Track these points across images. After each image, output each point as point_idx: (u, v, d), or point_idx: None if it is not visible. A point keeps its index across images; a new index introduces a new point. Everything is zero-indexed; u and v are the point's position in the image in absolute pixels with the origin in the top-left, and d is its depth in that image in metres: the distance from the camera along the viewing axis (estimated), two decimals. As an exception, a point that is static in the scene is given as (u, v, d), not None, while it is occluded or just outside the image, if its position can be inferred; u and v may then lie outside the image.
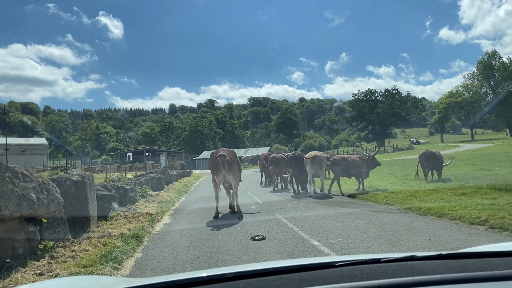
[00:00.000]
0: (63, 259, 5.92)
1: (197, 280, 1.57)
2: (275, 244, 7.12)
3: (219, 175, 10.72)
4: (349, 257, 1.83)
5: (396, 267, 1.65)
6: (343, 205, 12.32)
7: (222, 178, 10.79)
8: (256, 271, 1.63)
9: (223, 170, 10.60)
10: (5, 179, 5.54)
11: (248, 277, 1.57)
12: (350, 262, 1.70)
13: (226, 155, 10.80)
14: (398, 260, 1.75)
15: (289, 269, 1.64)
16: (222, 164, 10.57)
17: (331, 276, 1.56)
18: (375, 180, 20.04)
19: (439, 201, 11.61)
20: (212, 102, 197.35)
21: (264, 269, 1.66)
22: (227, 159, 10.68)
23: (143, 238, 8.12)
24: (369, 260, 1.72)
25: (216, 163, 10.72)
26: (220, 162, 10.60)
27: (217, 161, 10.69)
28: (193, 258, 6.39)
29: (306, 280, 1.53)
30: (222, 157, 10.67)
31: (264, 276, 1.57)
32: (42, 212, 6.22)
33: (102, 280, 2.51)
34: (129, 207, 12.03)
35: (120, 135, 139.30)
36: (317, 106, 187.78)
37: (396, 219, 9.38)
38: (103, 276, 4.33)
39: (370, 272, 1.59)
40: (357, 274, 1.57)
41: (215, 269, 1.89)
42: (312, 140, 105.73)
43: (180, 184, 25.10)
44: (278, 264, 1.73)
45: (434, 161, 18.22)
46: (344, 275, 1.56)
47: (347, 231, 8.13)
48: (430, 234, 7.57)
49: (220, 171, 10.64)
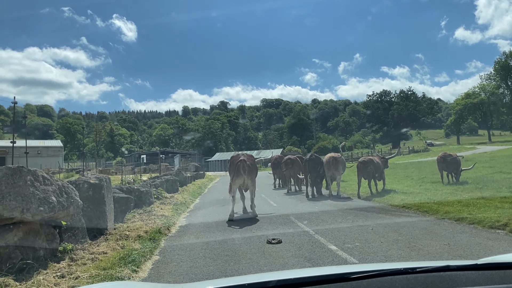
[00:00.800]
0: (82, 261, 5.98)
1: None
2: (292, 248, 7.09)
3: (240, 179, 11.14)
4: (383, 265, 1.82)
5: (434, 278, 1.64)
6: (359, 208, 12.23)
7: (243, 182, 11.24)
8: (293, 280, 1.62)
9: (244, 175, 11.07)
10: (27, 182, 5.62)
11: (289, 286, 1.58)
12: (386, 272, 1.68)
13: (246, 160, 11.25)
14: (434, 270, 1.73)
15: (329, 278, 1.64)
16: (243, 168, 11.03)
17: (371, 286, 1.56)
18: (391, 183, 19.83)
19: (457, 204, 11.44)
20: (224, 104, 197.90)
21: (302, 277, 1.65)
22: (248, 164, 11.14)
23: (160, 240, 8.17)
24: (404, 270, 1.70)
25: (237, 167, 11.11)
26: (241, 166, 11.05)
27: (238, 165, 11.10)
28: (210, 261, 6.40)
29: None
30: (243, 162, 11.11)
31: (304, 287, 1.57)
32: (62, 215, 6.30)
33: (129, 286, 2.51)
34: (145, 209, 12.12)
35: (134, 137, 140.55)
36: (330, 108, 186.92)
37: (413, 223, 9.27)
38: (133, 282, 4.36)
39: (409, 283, 1.58)
40: (397, 285, 1.56)
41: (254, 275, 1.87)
42: (325, 142, 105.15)
43: (194, 186, 25.21)
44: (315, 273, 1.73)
45: (452, 164, 18.01)
46: (384, 286, 1.56)
47: (364, 235, 8.06)
48: (449, 238, 7.46)
49: (241, 175, 11.08)
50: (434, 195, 13.83)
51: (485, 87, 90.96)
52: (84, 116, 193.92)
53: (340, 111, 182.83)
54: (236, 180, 11.25)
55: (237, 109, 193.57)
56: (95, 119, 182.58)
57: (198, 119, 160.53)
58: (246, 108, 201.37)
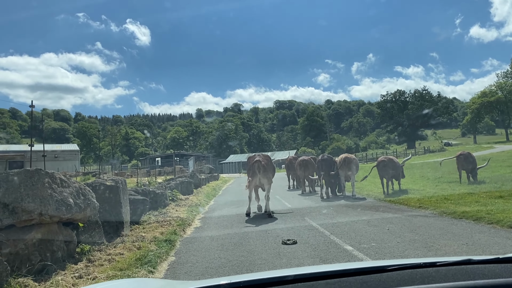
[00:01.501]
0: (99, 262, 6.05)
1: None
2: (307, 249, 7.06)
3: (255, 178, 11.84)
4: (402, 261, 1.81)
5: (455, 270, 1.62)
6: (375, 209, 12.12)
7: (258, 181, 11.93)
8: (314, 274, 1.63)
9: (259, 174, 11.78)
10: (45, 184, 5.71)
11: (307, 280, 1.58)
12: (405, 266, 1.68)
13: (261, 160, 11.99)
14: (455, 263, 1.72)
15: (347, 272, 1.64)
16: (258, 168, 11.75)
17: (390, 280, 1.55)
18: (406, 183, 19.63)
19: (474, 204, 11.26)
20: (238, 106, 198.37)
21: (321, 272, 1.66)
22: (262, 164, 11.85)
23: (176, 241, 8.21)
24: (423, 264, 1.70)
25: (253, 167, 11.87)
26: (256, 167, 11.78)
27: (254, 165, 11.85)
28: (226, 262, 6.41)
29: (367, 283, 1.52)
30: (258, 162, 11.84)
31: (324, 280, 1.58)
32: (79, 217, 6.39)
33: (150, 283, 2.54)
34: (160, 211, 12.22)
35: (148, 140, 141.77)
36: (344, 108, 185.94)
37: (430, 223, 9.15)
38: (151, 279, 4.40)
39: (429, 276, 1.57)
40: (417, 278, 1.55)
41: (270, 271, 1.87)
42: (339, 142, 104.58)
43: (209, 188, 25.31)
44: (335, 268, 1.73)
45: (471, 163, 17.89)
46: (404, 279, 1.55)
47: (380, 235, 7.98)
48: (467, 238, 7.35)
49: (256, 175, 11.79)
50: (451, 195, 13.63)
51: (502, 85, 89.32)
52: (100, 120, 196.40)
53: (354, 111, 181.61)
54: (253, 180, 11.91)
55: (250, 111, 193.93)
56: (110, 123, 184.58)
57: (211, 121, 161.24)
58: (259, 110, 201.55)
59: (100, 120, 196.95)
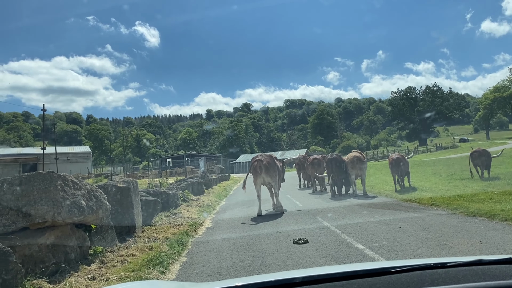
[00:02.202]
0: (112, 263, 6.11)
1: None
2: (319, 248, 7.04)
3: (258, 177, 12.06)
4: (413, 261, 1.79)
5: (465, 271, 1.60)
6: (386, 207, 12.04)
7: (262, 180, 12.11)
8: (322, 276, 1.63)
9: (261, 173, 11.97)
10: (57, 187, 5.78)
11: (316, 282, 1.57)
12: (414, 267, 1.67)
13: (263, 159, 12.19)
14: (466, 264, 1.70)
15: (356, 274, 1.63)
16: (259, 168, 11.96)
17: (399, 282, 1.53)
18: (418, 180, 19.49)
19: (488, 201, 11.12)
20: (247, 106, 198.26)
21: (329, 274, 1.65)
22: (264, 163, 12.03)
23: (187, 242, 8.25)
24: (433, 265, 1.69)
25: (254, 167, 12.11)
26: (258, 166, 12.01)
27: (255, 165, 12.09)
28: (237, 262, 6.42)
29: (375, 285, 1.51)
30: (259, 161, 12.07)
31: (332, 282, 1.57)
32: (91, 218, 6.45)
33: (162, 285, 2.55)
34: (172, 211, 12.28)
35: (159, 141, 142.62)
36: (354, 106, 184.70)
37: (443, 221, 9.06)
38: (163, 281, 4.42)
39: (439, 277, 1.55)
40: (426, 279, 1.54)
41: (280, 273, 1.87)
42: (350, 140, 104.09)
43: (220, 188, 25.38)
44: (343, 269, 1.72)
45: (486, 159, 17.98)
46: (413, 281, 1.53)
47: (392, 234, 7.93)
48: (481, 236, 7.26)
49: (258, 174, 11.99)
50: (464, 192, 13.50)
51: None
52: (111, 122, 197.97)
53: (365, 109, 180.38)
54: (256, 180, 12.16)
55: (260, 110, 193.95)
56: (121, 125, 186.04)
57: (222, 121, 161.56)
58: (269, 109, 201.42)
59: (112, 122, 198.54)
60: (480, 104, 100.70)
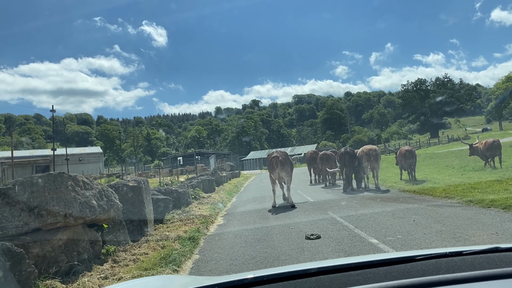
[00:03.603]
0: (124, 262, 6.11)
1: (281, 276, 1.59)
2: (331, 243, 6.98)
3: (274, 172, 12.95)
4: (428, 251, 1.78)
5: (482, 259, 1.59)
6: (399, 201, 11.91)
7: (277, 175, 12.97)
8: (337, 266, 1.63)
9: (277, 168, 12.79)
10: (68, 187, 5.79)
11: (331, 272, 1.58)
12: (430, 255, 1.66)
13: (279, 156, 13.02)
14: (482, 252, 1.69)
15: (371, 264, 1.64)
16: (276, 164, 12.78)
17: (415, 270, 1.53)
18: (431, 173, 19.28)
19: (503, 192, 10.95)
20: (256, 103, 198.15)
21: (345, 264, 1.65)
22: (280, 159, 12.84)
23: (199, 239, 8.23)
24: (449, 253, 1.68)
25: (271, 163, 13.00)
26: (274, 162, 12.84)
27: (272, 161, 12.97)
28: (249, 259, 6.38)
29: (391, 273, 1.51)
30: (276, 158, 12.92)
31: (347, 271, 1.57)
32: (103, 218, 6.46)
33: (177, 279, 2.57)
34: (183, 209, 12.28)
35: (170, 140, 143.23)
36: (364, 100, 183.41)
37: (457, 213, 8.93)
38: (178, 276, 4.43)
39: (455, 265, 1.55)
40: (442, 267, 1.53)
41: (296, 265, 1.89)
42: (361, 135, 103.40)
43: (230, 185, 25.38)
44: (358, 260, 1.73)
45: (499, 149, 18.39)
46: (429, 269, 1.53)
47: (406, 227, 7.83)
48: (497, 227, 7.13)
49: (275, 169, 12.85)
50: (478, 184, 13.30)
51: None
52: (121, 122, 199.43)
53: (374, 102, 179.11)
54: (272, 174, 13.11)
55: (269, 106, 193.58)
56: (132, 125, 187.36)
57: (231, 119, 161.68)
58: (278, 105, 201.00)
59: (122, 122, 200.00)
60: (492, 95, 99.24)
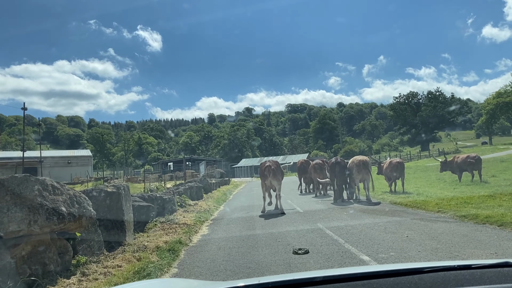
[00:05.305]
0: (94, 276, 5.60)
1: None
2: (320, 259, 6.53)
3: (266, 180, 13.66)
4: (436, 263, 1.74)
5: (491, 273, 1.54)
6: (391, 214, 11.51)
7: (269, 183, 13.70)
8: (346, 275, 1.60)
9: (269, 177, 13.54)
10: (34, 192, 5.30)
11: (335, 281, 1.55)
12: (438, 268, 1.64)
13: (271, 165, 13.76)
14: (491, 266, 1.63)
15: (378, 274, 1.61)
16: (268, 172, 13.56)
17: (423, 282, 1.50)
18: (423, 186, 18.97)
19: (497, 208, 10.62)
20: (249, 110, 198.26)
21: (353, 274, 1.63)
22: (272, 168, 13.60)
23: (180, 251, 7.74)
24: (457, 266, 1.65)
25: (264, 171, 13.71)
26: (267, 171, 13.60)
27: (265, 170, 13.69)
28: (231, 275, 5.91)
29: (398, 285, 1.48)
30: (269, 167, 13.68)
31: (354, 281, 1.53)
32: (74, 226, 5.96)
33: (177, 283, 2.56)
34: (167, 217, 11.76)
35: (161, 145, 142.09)
36: (356, 111, 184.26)
37: (452, 229, 8.54)
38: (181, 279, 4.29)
39: (463, 278, 1.50)
40: (450, 280, 1.49)
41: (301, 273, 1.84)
42: (352, 145, 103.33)
43: (219, 193, 24.85)
44: (364, 270, 1.69)
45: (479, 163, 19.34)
46: (436, 282, 1.49)
47: (399, 243, 7.41)
48: (496, 246, 6.74)
49: (267, 178, 13.59)
50: (471, 198, 12.99)
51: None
52: (113, 126, 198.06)
53: (366, 114, 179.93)
54: (264, 182, 13.76)
55: (262, 115, 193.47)
56: (123, 129, 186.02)
57: (223, 126, 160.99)
58: (271, 114, 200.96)
59: (114, 126, 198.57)
60: (482, 109, 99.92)
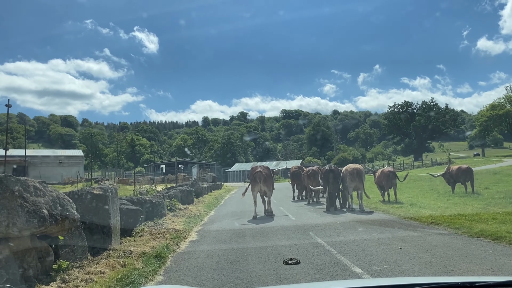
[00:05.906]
0: (74, 283, 5.34)
1: None
2: (311, 270, 6.31)
3: (257, 186, 13.83)
4: (438, 279, 1.77)
5: None
6: (385, 224, 11.33)
7: (259, 188, 13.88)
8: None
9: (260, 183, 13.75)
10: (14, 193, 5.05)
11: None
12: (441, 284, 1.63)
13: (262, 171, 13.99)
14: (496, 285, 1.58)
15: None
16: (259, 178, 13.73)
17: None
18: (416, 196, 18.85)
19: (492, 221, 10.47)
20: (244, 115, 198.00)
21: None
22: (263, 174, 13.80)
23: (167, 258, 7.49)
24: (461, 284, 1.62)
25: (254, 177, 13.85)
26: (257, 176, 13.76)
27: (255, 175, 13.83)
28: (218, 285, 5.68)
29: None
30: (259, 172, 13.83)
31: None
32: (56, 230, 5.71)
33: None
34: (156, 221, 11.50)
35: (154, 147, 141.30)
36: (350, 119, 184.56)
37: (446, 242, 8.37)
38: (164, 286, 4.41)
39: None
40: None
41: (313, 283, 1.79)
42: (346, 153, 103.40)
43: (211, 197, 24.56)
44: (367, 283, 1.72)
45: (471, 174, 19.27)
46: None
47: (393, 255, 7.21)
48: (491, 262, 6.57)
49: (257, 183, 13.76)
50: (464, 210, 12.87)
51: (511, 98, 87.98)
52: (106, 127, 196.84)
53: (361, 122, 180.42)
54: (254, 187, 13.88)
55: (257, 119, 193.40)
56: (117, 130, 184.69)
57: (217, 129, 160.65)
58: (266, 119, 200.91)
59: (107, 127, 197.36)
60: (476, 121, 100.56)
